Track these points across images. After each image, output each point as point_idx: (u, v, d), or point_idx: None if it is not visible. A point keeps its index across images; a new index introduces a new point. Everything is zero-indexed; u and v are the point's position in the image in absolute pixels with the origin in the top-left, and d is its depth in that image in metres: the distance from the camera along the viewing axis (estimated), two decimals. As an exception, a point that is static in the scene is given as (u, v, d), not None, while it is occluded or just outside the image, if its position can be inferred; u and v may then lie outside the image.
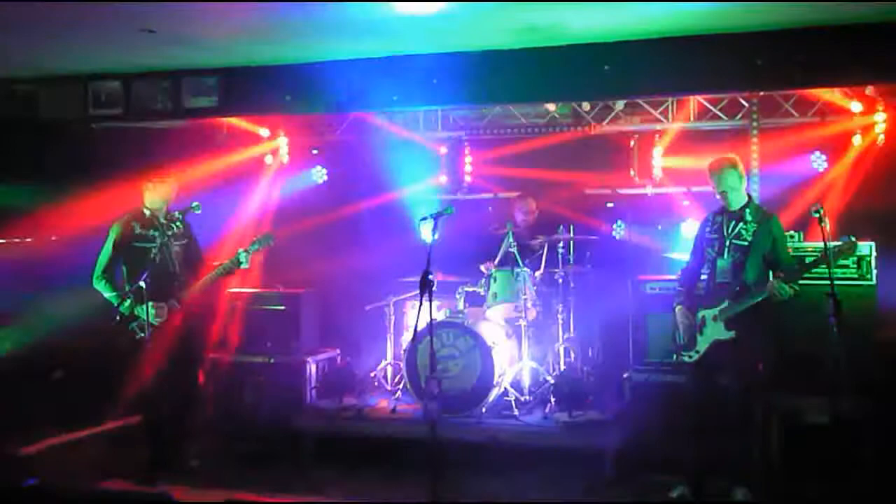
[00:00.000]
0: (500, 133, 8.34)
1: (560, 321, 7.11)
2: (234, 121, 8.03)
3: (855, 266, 5.94)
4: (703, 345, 5.20)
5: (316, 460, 6.35)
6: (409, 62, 6.16)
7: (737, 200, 5.16)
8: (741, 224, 5.12)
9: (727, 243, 5.16)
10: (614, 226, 7.86)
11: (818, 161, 7.30)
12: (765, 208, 5.23)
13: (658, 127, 7.88)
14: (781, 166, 7.25)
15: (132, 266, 5.60)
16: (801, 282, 4.99)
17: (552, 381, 6.61)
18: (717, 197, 5.21)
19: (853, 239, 4.84)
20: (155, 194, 5.73)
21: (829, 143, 7.34)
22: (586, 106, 7.83)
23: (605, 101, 7.69)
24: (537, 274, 7.14)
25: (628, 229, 7.62)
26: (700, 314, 5.24)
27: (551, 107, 8.00)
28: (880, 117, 7.07)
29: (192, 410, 5.90)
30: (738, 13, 5.19)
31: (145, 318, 5.40)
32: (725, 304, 5.09)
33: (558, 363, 7.02)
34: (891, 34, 5.35)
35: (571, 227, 7.20)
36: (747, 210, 5.14)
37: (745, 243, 5.08)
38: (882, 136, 7.07)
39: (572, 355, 7.23)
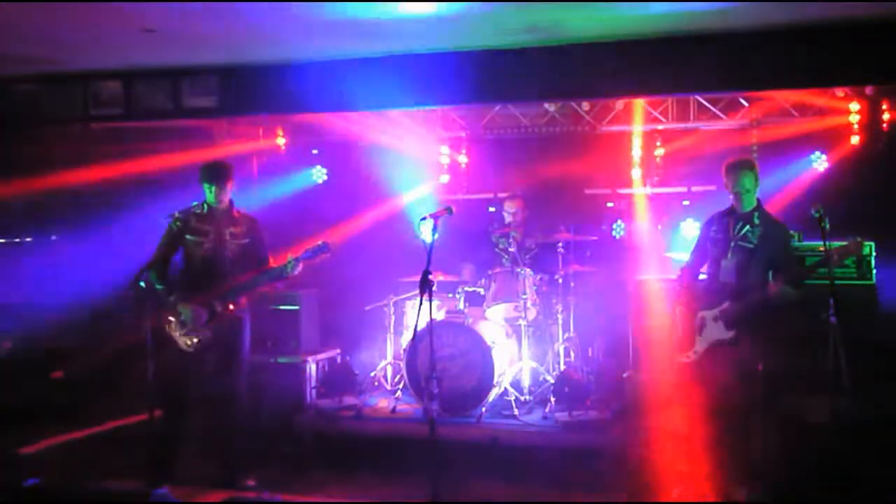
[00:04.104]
0: (500, 133, 8.35)
1: (560, 321, 7.11)
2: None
3: (855, 266, 5.94)
4: (702, 345, 5.20)
5: (316, 460, 6.35)
6: (409, 62, 6.16)
7: (748, 202, 5.16)
8: (748, 226, 5.11)
9: (732, 244, 5.15)
10: (614, 226, 7.86)
11: (818, 161, 7.31)
12: (774, 216, 5.22)
13: (658, 127, 7.89)
14: (781, 166, 7.26)
15: (184, 259, 5.56)
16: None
17: (552, 381, 6.61)
18: (730, 196, 5.20)
19: (859, 239, 4.84)
20: (212, 191, 5.53)
21: (828, 142, 7.35)
22: (586, 106, 7.84)
23: (605, 101, 7.70)
24: (538, 274, 7.15)
25: (628, 229, 7.62)
26: (700, 314, 5.23)
27: (551, 107, 8.01)
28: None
29: (229, 414, 5.61)
30: (738, 13, 5.19)
31: (185, 317, 5.38)
32: (726, 304, 5.09)
33: (558, 363, 7.02)
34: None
35: (571, 227, 7.20)
36: (756, 213, 5.13)
37: (751, 245, 5.08)
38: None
39: (572, 355, 7.23)
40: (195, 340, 5.42)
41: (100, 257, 7.31)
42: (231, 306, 5.51)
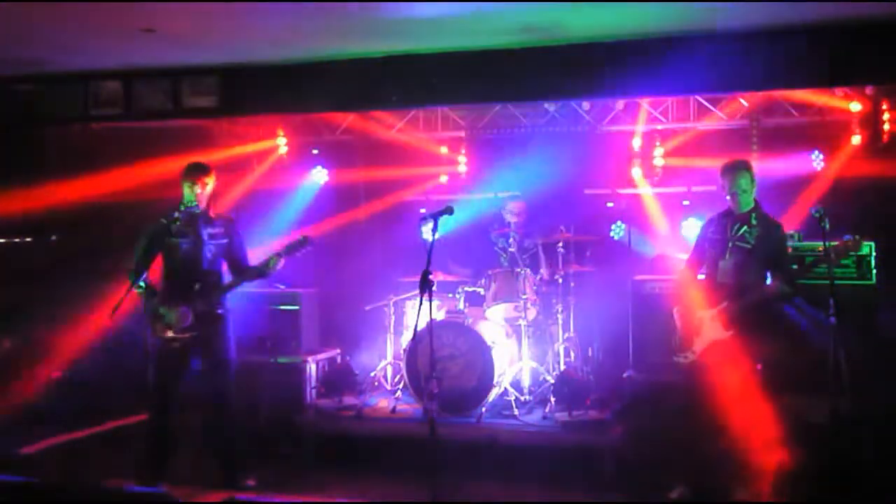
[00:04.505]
0: (499, 133, 8.35)
1: (560, 321, 7.11)
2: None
3: (855, 266, 5.95)
4: (700, 345, 5.21)
5: (316, 460, 6.35)
6: (409, 62, 6.15)
7: (745, 203, 5.16)
8: (745, 227, 5.12)
9: (730, 245, 5.16)
10: (613, 226, 7.86)
11: (818, 160, 7.30)
12: (771, 216, 5.24)
13: (658, 127, 7.88)
14: (781, 166, 7.25)
15: (164, 261, 5.56)
16: (801, 281, 5.03)
17: (552, 381, 6.61)
18: (727, 198, 5.21)
19: (857, 237, 4.85)
20: (193, 191, 5.50)
21: (829, 142, 7.35)
22: (586, 106, 7.83)
23: (605, 101, 7.69)
24: (537, 274, 7.15)
25: (628, 229, 7.62)
26: (698, 314, 5.24)
27: (551, 107, 8.00)
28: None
29: (222, 415, 5.59)
30: (738, 12, 5.19)
31: (168, 319, 5.38)
32: (725, 304, 5.09)
33: (558, 363, 7.02)
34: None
35: (571, 227, 7.20)
36: (753, 215, 5.14)
37: (749, 246, 5.09)
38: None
39: (572, 355, 7.23)
40: (180, 341, 5.42)
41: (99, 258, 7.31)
42: (214, 306, 5.51)
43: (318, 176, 8.63)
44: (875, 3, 5.01)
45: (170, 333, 5.39)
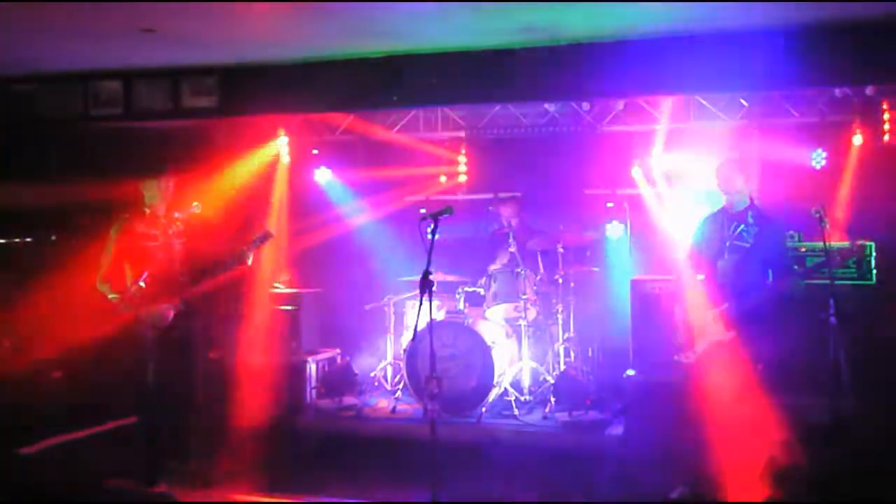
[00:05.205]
0: (500, 133, 8.34)
1: (560, 321, 7.11)
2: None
3: (855, 266, 5.94)
4: (701, 345, 5.21)
5: (316, 460, 6.35)
6: (409, 62, 6.15)
7: (741, 202, 5.18)
8: (742, 226, 5.13)
9: (728, 244, 5.17)
10: (609, 226, 7.86)
11: (818, 160, 7.29)
12: (767, 212, 5.24)
13: (658, 127, 7.87)
14: (781, 166, 7.24)
15: (134, 265, 5.57)
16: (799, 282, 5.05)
17: (552, 381, 6.61)
18: (723, 196, 5.22)
19: (862, 241, 4.86)
20: (154, 193, 5.61)
21: (829, 141, 7.34)
22: (586, 106, 7.83)
23: (605, 101, 7.69)
24: (538, 274, 7.14)
25: (628, 229, 7.62)
26: (700, 315, 5.23)
27: (551, 107, 8.00)
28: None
29: (193, 411, 5.77)
30: (737, 13, 5.19)
31: (150, 318, 5.41)
32: (725, 304, 5.09)
33: (558, 363, 7.02)
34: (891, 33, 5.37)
35: (571, 228, 7.20)
36: (750, 213, 5.15)
37: (747, 245, 5.09)
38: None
39: (572, 355, 7.23)
40: (164, 339, 5.46)
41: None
42: (193, 303, 5.58)
43: (320, 176, 8.62)
44: (875, 4, 5.00)
45: (153, 333, 5.42)
